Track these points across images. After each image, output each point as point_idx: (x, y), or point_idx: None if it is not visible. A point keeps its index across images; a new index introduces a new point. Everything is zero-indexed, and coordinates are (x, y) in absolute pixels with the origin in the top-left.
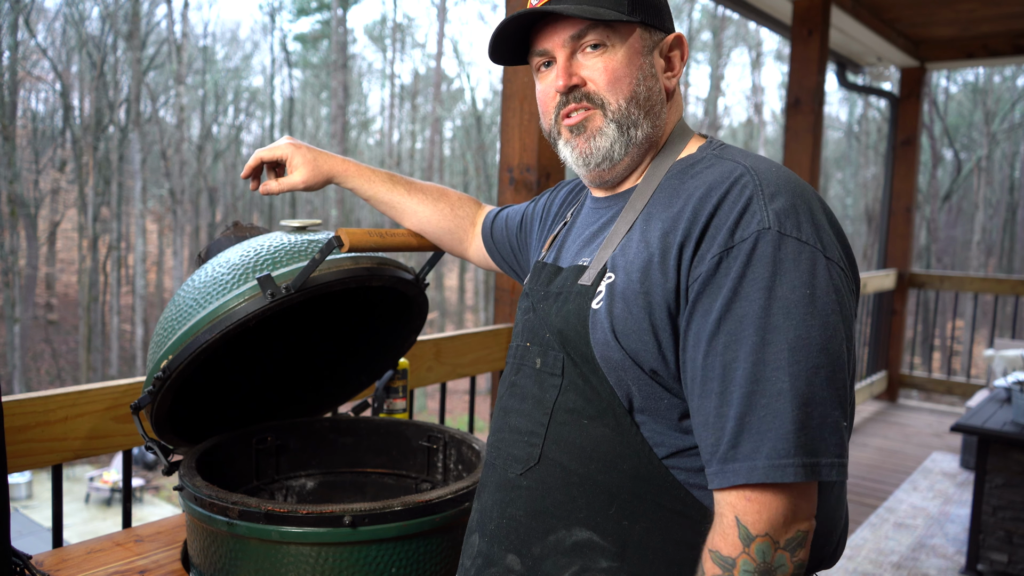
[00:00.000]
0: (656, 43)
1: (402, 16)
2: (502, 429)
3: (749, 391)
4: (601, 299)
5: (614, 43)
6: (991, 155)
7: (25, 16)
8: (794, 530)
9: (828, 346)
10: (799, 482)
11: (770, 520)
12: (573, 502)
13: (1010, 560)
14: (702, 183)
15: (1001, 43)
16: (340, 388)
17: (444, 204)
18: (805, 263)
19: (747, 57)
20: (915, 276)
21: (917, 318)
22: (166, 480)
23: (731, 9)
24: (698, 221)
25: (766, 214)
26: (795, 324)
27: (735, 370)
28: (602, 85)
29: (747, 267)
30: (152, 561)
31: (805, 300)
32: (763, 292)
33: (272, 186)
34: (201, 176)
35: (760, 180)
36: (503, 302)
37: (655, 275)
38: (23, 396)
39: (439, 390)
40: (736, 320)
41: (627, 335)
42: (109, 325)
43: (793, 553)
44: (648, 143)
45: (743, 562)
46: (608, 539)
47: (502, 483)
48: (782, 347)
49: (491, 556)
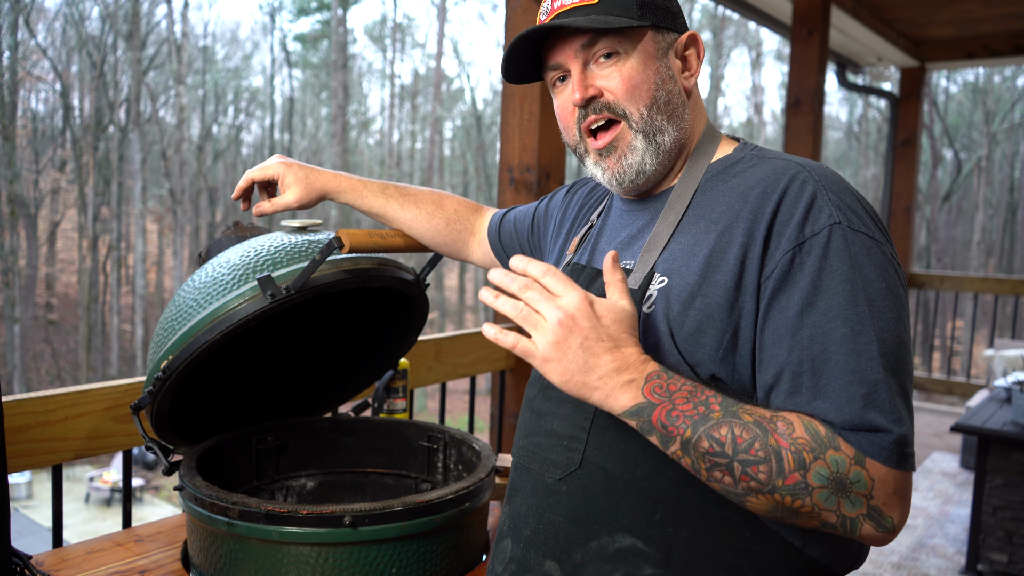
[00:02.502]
0: (670, 44)
1: (402, 16)
2: (536, 433)
3: (847, 381)
4: (653, 303)
5: (627, 50)
6: (991, 155)
7: (25, 16)
8: (887, 511)
9: (903, 338)
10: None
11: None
12: (616, 508)
13: (1010, 560)
14: (755, 182)
15: (1001, 43)
16: (340, 388)
17: (439, 219)
18: (877, 256)
19: (747, 57)
20: (915, 276)
21: (917, 318)
22: (166, 480)
23: (731, 9)
24: (761, 219)
25: (833, 209)
26: (878, 315)
27: (826, 362)
28: (620, 94)
29: (824, 260)
30: (152, 561)
31: (883, 292)
32: (845, 284)
33: (265, 207)
34: (201, 176)
35: (819, 176)
36: None
37: (716, 277)
38: (23, 396)
39: (439, 390)
40: (821, 313)
41: (685, 340)
42: (109, 325)
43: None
44: (677, 147)
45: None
46: (653, 545)
47: (538, 488)
48: (871, 338)
49: (526, 562)
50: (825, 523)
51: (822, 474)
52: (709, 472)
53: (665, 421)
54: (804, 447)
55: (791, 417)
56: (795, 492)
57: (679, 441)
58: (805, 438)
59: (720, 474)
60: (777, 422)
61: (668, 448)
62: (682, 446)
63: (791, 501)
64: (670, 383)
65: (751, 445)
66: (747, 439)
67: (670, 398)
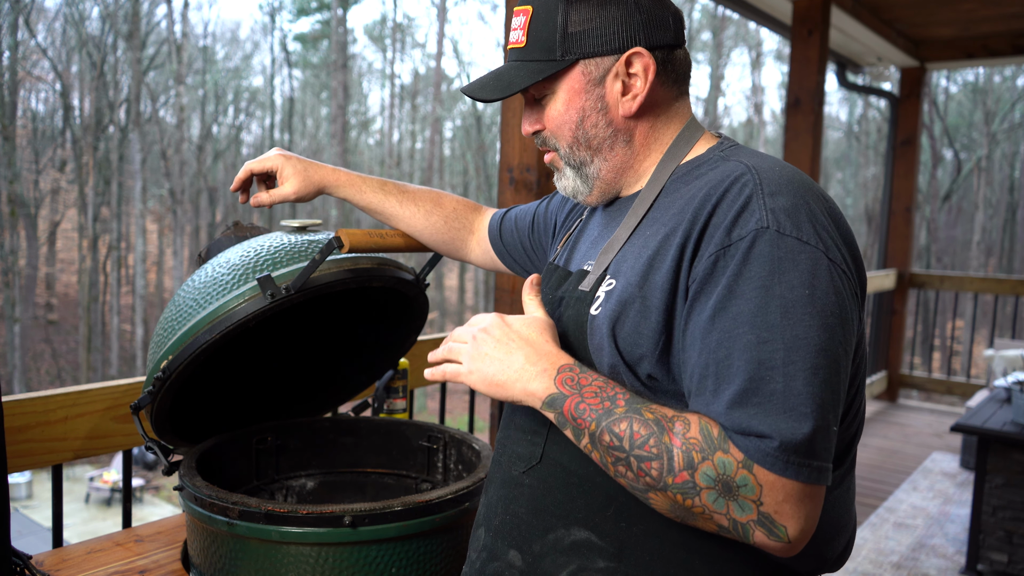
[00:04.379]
0: (607, 70)
1: (402, 16)
2: (508, 426)
3: (744, 389)
4: (599, 305)
5: (553, 89)
6: (991, 155)
7: (25, 16)
8: (778, 518)
9: (826, 348)
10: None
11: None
12: (572, 502)
13: (1010, 560)
14: (704, 184)
15: (1001, 43)
16: (340, 388)
17: (437, 217)
18: (805, 263)
19: (747, 57)
20: (915, 276)
21: (917, 318)
22: (166, 480)
23: (731, 9)
24: (698, 222)
25: (765, 213)
26: (792, 323)
27: (729, 367)
28: (549, 132)
29: (743, 265)
30: (152, 561)
31: (804, 300)
32: (760, 291)
33: (263, 198)
34: (201, 176)
35: (761, 179)
36: (503, 302)
37: (654, 278)
38: (23, 396)
39: (439, 390)
40: (731, 318)
41: (624, 340)
42: (109, 325)
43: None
44: (615, 171)
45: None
46: (606, 539)
47: (506, 480)
48: (778, 346)
49: (495, 551)
50: (720, 526)
51: (709, 475)
52: (615, 467)
53: (575, 413)
54: (695, 447)
55: (691, 418)
56: (684, 491)
57: (587, 434)
58: (697, 438)
59: (623, 468)
60: (676, 422)
61: (580, 441)
62: (590, 438)
63: (683, 500)
64: (581, 377)
65: (646, 441)
66: (643, 435)
67: (580, 391)
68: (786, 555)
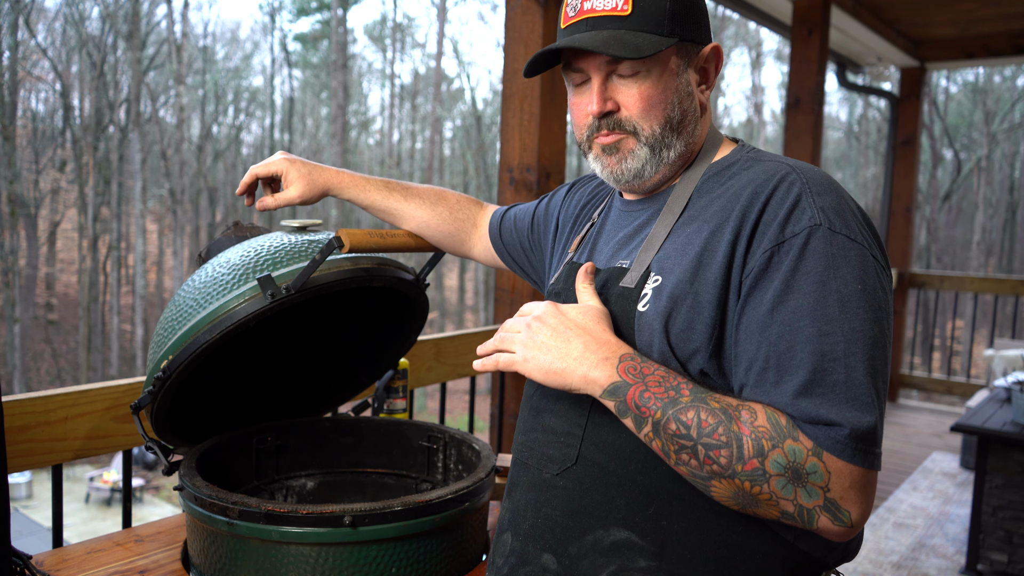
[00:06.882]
0: (692, 58)
1: (402, 16)
2: (534, 429)
3: (809, 380)
4: (647, 302)
5: (649, 67)
6: (991, 155)
7: (25, 16)
8: (845, 503)
9: (878, 340)
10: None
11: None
12: (611, 502)
13: (1010, 560)
14: (747, 183)
15: (1001, 43)
16: (340, 388)
17: (442, 208)
18: (855, 259)
19: (747, 57)
20: (915, 276)
21: (917, 318)
22: (166, 480)
23: (731, 9)
24: (748, 218)
25: (816, 211)
26: (849, 317)
27: (791, 358)
28: (636, 112)
29: (800, 261)
30: (152, 561)
31: (857, 294)
32: (817, 285)
33: (268, 202)
34: (201, 176)
35: (807, 179)
36: (503, 302)
37: (705, 275)
38: (23, 396)
39: (439, 390)
40: (790, 311)
41: (676, 336)
42: (109, 325)
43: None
44: (681, 160)
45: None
46: (646, 539)
47: (536, 483)
48: (839, 339)
49: (525, 555)
50: (784, 512)
51: (779, 462)
52: (677, 455)
53: (639, 401)
54: (764, 435)
55: (756, 407)
56: (753, 478)
57: (651, 422)
58: (766, 427)
59: (687, 456)
60: (742, 411)
61: (641, 430)
62: (653, 427)
63: (750, 487)
64: (643, 366)
65: (715, 430)
66: (711, 424)
67: (643, 380)
68: (844, 539)
